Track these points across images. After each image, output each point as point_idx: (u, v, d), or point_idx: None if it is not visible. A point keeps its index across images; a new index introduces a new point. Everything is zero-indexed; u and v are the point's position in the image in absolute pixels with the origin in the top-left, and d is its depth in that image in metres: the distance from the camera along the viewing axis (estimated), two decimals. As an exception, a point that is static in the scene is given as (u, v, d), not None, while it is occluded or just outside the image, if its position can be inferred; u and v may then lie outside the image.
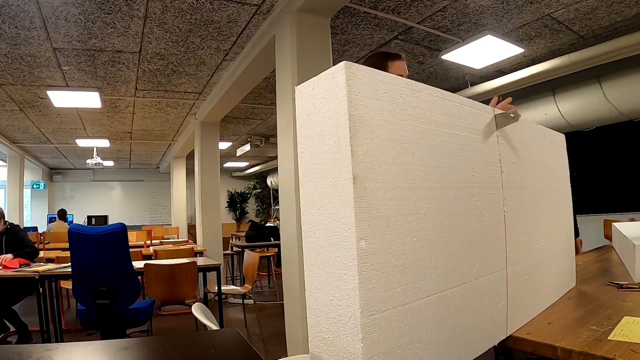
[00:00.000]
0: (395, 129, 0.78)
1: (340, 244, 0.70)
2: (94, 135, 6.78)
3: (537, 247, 1.24)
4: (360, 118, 0.70)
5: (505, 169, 1.11)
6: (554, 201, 1.41)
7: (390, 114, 0.77)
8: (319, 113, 0.75)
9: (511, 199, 1.12)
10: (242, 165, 11.41)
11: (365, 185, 0.70)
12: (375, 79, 0.76)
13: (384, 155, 0.74)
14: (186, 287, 3.06)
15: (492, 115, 1.11)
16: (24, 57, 3.53)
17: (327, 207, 0.73)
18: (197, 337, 1.18)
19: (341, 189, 0.70)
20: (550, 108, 4.35)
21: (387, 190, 0.74)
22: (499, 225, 1.06)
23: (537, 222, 1.26)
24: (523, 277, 1.15)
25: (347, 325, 0.70)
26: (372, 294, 0.69)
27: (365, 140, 0.71)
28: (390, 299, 0.73)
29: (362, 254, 0.68)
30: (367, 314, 0.68)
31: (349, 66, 0.70)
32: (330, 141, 0.72)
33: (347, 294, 0.69)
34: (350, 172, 0.68)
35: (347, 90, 0.69)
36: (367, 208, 0.70)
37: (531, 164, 1.27)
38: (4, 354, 0.98)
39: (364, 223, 0.69)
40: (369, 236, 0.69)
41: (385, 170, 0.74)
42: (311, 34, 2.66)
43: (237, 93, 4.44)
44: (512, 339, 1.05)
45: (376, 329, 0.70)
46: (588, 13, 3.14)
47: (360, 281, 0.68)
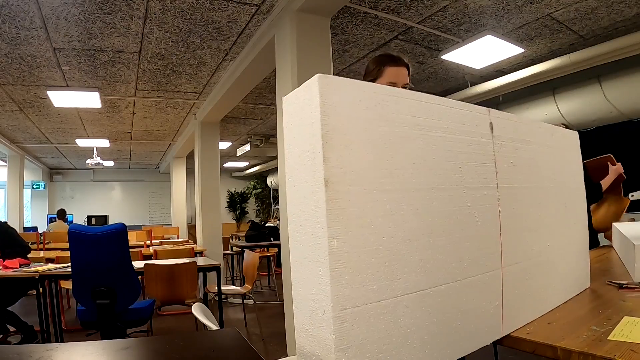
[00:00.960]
0: (372, 135, 0.82)
1: (316, 242, 0.76)
2: (94, 135, 6.78)
3: (540, 247, 1.23)
4: (333, 126, 0.76)
5: (501, 169, 1.11)
6: (562, 201, 1.39)
7: (367, 121, 0.81)
8: (300, 122, 0.81)
9: (508, 199, 1.12)
10: (242, 165, 11.41)
11: (338, 188, 0.75)
12: (351, 88, 0.80)
13: (359, 160, 0.79)
14: (186, 287, 3.07)
15: (487, 114, 1.12)
16: (24, 57, 3.53)
17: (305, 208, 0.79)
18: (197, 337, 1.18)
19: (315, 192, 0.76)
20: (550, 108, 4.35)
21: (362, 193, 0.79)
22: (492, 225, 1.07)
23: (540, 222, 1.25)
24: (522, 277, 1.14)
25: (322, 317, 0.75)
26: (345, 289, 0.75)
27: (339, 147, 0.76)
28: (365, 295, 0.77)
29: (334, 252, 0.74)
30: (339, 308, 0.74)
31: (322, 78, 0.76)
32: (307, 148, 0.78)
33: (321, 289, 0.75)
34: (322, 177, 0.74)
35: (320, 101, 0.75)
36: (340, 209, 0.75)
37: (534, 163, 1.26)
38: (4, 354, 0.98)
39: (336, 223, 0.74)
40: (341, 235, 0.75)
41: (360, 174, 0.79)
42: (311, 34, 2.66)
43: (237, 93, 4.44)
44: (511, 339, 1.05)
45: (349, 322, 0.75)
46: (588, 13, 3.14)
47: (332, 277, 0.73)
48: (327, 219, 0.74)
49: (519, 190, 1.18)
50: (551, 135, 1.39)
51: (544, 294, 1.24)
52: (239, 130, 7.00)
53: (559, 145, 1.43)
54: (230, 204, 12.97)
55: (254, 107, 5.58)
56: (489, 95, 4.39)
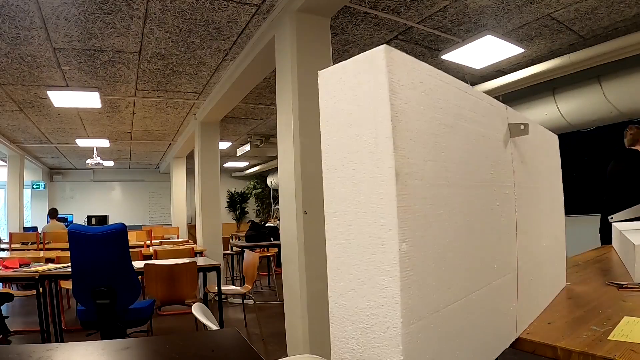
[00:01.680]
0: (429, 122, 0.73)
1: (378, 246, 0.64)
2: (94, 135, 6.78)
3: (539, 247, 1.23)
4: (400, 108, 0.65)
5: (516, 167, 1.09)
6: (549, 201, 1.41)
7: (424, 105, 0.72)
8: (350, 100, 0.69)
9: (520, 199, 1.11)
10: (242, 165, 11.41)
11: (407, 182, 0.64)
12: (413, 67, 0.70)
13: (422, 151, 0.69)
14: (186, 287, 3.07)
15: (505, 111, 1.09)
16: (24, 57, 3.53)
17: (360, 205, 0.67)
18: (197, 337, 1.18)
19: (380, 185, 0.64)
20: (550, 108, 4.35)
21: (424, 188, 0.69)
22: (511, 225, 1.03)
23: (539, 221, 1.26)
24: (529, 278, 1.13)
25: (383, 336, 0.64)
26: (412, 301, 0.64)
27: (405, 133, 0.65)
28: (427, 305, 0.68)
29: (404, 258, 0.62)
30: (408, 323, 0.63)
31: (389, 50, 0.64)
32: (366, 132, 0.66)
33: (385, 301, 0.63)
34: (393, 167, 0.62)
35: (388, 77, 0.63)
36: (407, 207, 0.64)
37: (534, 163, 1.26)
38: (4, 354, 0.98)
39: (405, 224, 0.63)
40: (409, 238, 0.64)
41: (423, 166, 0.69)
42: (311, 34, 2.66)
43: (237, 93, 4.44)
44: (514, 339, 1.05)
45: (415, 339, 0.65)
46: (588, 13, 3.14)
47: (402, 287, 0.62)
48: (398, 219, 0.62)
49: (526, 190, 1.17)
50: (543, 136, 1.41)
51: (540, 294, 1.24)
52: (239, 130, 7.00)
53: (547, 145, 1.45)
54: (230, 204, 12.96)
55: (254, 107, 5.57)
56: (489, 95, 4.39)
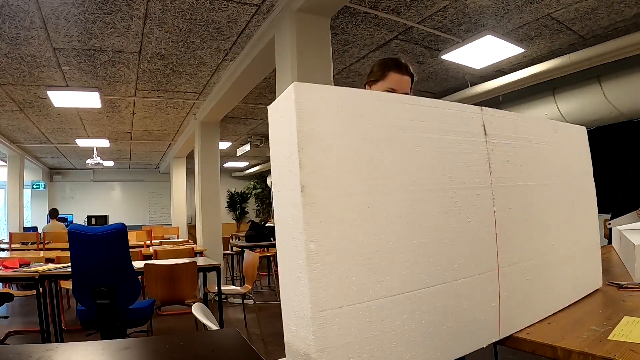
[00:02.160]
0: (351, 139, 0.83)
1: (295, 246, 0.78)
2: (94, 135, 6.78)
3: (542, 247, 1.21)
4: (309, 132, 0.78)
5: (496, 168, 1.09)
6: (569, 200, 1.36)
7: (345, 125, 0.83)
8: (280, 129, 0.83)
9: (505, 198, 1.11)
10: (242, 165, 11.41)
11: (315, 192, 0.77)
12: (328, 94, 0.82)
13: (338, 164, 0.81)
14: (186, 287, 3.06)
15: (479, 113, 1.10)
16: (24, 57, 3.53)
17: (287, 212, 0.81)
18: (197, 337, 1.18)
19: (294, 196, 0.78)
20: (550, 108, 4.35)
21: (340, 197, 0.80)
22: (486, 225, 1.05)
23: (542, 221, 1.24)
24: (523, 278, 1.13)
25: (303, 318, 0.77)
26: (324, 291, 0.76)
27: (315, 152, 0.78)
28: (346, 296, 0.79)
29: (312, 255, 0.75)
30: (319, 310, 0.75)
31: (298, 86, 0.78)
32: (287, 153, 0.80)
33: (301, 291, 0.77)
34: (299, 182, 0.76)
35: (297, 109, 0.77)
36: (317, 213, 0.77)
37: (535, 160, 1.24)
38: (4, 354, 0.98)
39: (313, 227, 0.76)
40: (319, 239, 0.76)
41: (338, 178, 0.80)
42: (311, 34, 2.66)
43: (237, 93, 4.44)
44: (511, 339, 1.05)
45: (330, 323, 0.76)
46: (588, 13, 3.14)
47: (310, 279, 0.75)
48: (304, 223, 0.75)
49: (517, 189, 1.16)
50: (554, 131, 1.36)
51: (549, 294, 1.21)
52: (239, 130, 7.00)
53: (564, 142, 1.40)
54: (230, 204, 12.96)
55: (254, 107, 5.58)
56: (489, 95, 4.39)
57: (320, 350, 0.75)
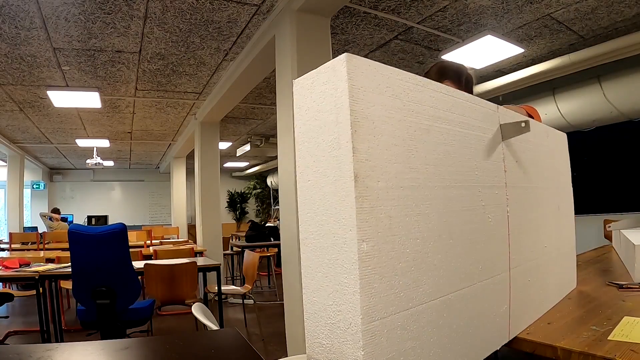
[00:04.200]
0: (398, 125, 0.75)
1: (340, 246, 0.67)
2: (94, 135, 6.78)
3: (539, 249, 1.22)
4: (362, 113, 0.68)
5: (508, 167, 1.08)
6: (556, 201, 1.38)
7: (393, 109, 0.74)
8: (318, 108, 0.72)
9: (514, 199, 1.10)
10: (242, 165, 11.41)
11: (367, 184, 0.67)
12: (378, 72, 0.72)
13: (387, 153, 0.71)
14: (186, 287, 3.06)
15: (496, 112, 1.09)
16: (24, 57, 3.53)
17: (326, 207, 0.70)
18: (197, 337, 1.18)
19: (341, 188, 0.67)
20: (550, 108, 4.34)
21: (389, 190, 0.71)
22: (502, 226, 1.03)
23: (539, 222, 1.24)
24: (525, 279, 1.13)
25: (346, 332, 0.66)
26: (374, 299, 0.67)
27: (367, 137, 0.68)
28: (392, 304, 0.70)
29: (364, 257, 0.65)
30: (369, 320, 0.65)
31: (350, 58, 0.67)
32: (329, 137, 0.69)
33: (347, 299, 0.66)
34: (352, 170, 0.65)
35: (349, 84, 0.66)
36: (369, 208, 0.67)
37: (534, 163, 1.24)
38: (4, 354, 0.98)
39: (365, 224, 0.66)
40: (370, 238, 0.66)
41: (387, 168, 0.71)
42: (311, 34, 2.66)
43: (237, 93, 4.44)
44: (512, 339, 1.05)
45: (378, 335, 0.67)
46: (588, 13, 3.14)
47: (362, 285, 0.65)
48: (357, 219, 0.65)
49: (522, 190, 1.16)
50: (547, 135, 1.38)
51: (542, 295, 1.23)
52: (239, 130, 7.00)
53: (553, 145, 1.43)
54: (230, 204, 12.96)
55: (254, 107, 5.57)
56: (489, 95, 4.39)
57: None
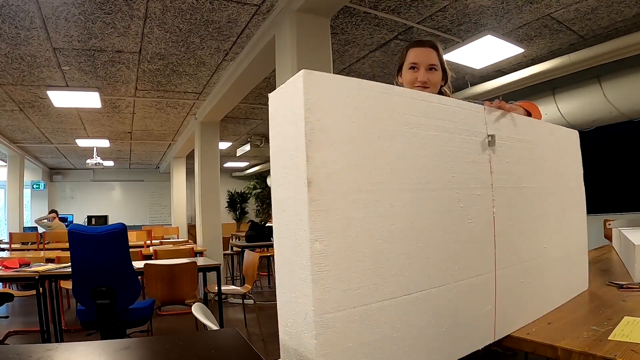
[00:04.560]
0: (358, 133, 0.80)
1: (299, 244, 0.74)
2: (94, 135, 6.78)
3: (537, 250, 1.21)
4: (317, 124, 0.73)
5: (496, 168, 1.08)
6: (561, 202, 1.36)
7: (352, 118, 0.79)
8: (284, 119, 0.78)
9: (504, 199, 1.10)
10: (242, 165, 11.40)
11: (322, 188, 0.73)
12: (339, 85, 0.78)
13: (344, 159, 0.77)
14: (186, 287, 3.06)
15: (483, 112, 1.09)
16: (24, 57, 3.53)
17: (289, 209, 0.77)
18: (197, 337, 1.18)
19: (299, 192, 0.73)
20: (550, 108, 4.34)
21: (347, 194, 0.76)
22: (486, 226, 1.04)
23: (538, 223, 1.23)
24: (517, 280, 1.12)
25: (304, 322, 0.74)
26: (328, 293, 0.73)
27: (323, 146, 0.74)
28: (349, 299, 0.76)
29: (316, 255, 0.71)
30: (321, 313, 0.72)
31: (307, 74, 0.74)
32: (292, 146, 0.75)
33: (304, 292, 0.73)
34: (305, 176, 0.72)
35: (305, 98, 0.72)
36: (324, 211, 0.73)
37: (533, 162, 1.23)
38: (4, 354, 0.98)
39: (318, 225, 0.72)
40: (324, 238, 0.72)
41: (345, 174, 0.77)
42: (311, 34, 2.66)
43: (237, 93, 4.44)
44: (511, 339, 1.05)
45: (332, 327, 0.73)
46: (588, 13, 3.14)
47: (314, 281, 0.71)
48: (310, 221, 0.71)
49: (515, 190, 1.15)
50: (551, 134, 1.36)
51: (542, 296, 1.21)
52: (239, 130, 7.00)
53: (558, 144, 1.40)
54: (230, 204, 12.96)
55: (254, 107, 5.57)
56: (489, 95, 4.39)
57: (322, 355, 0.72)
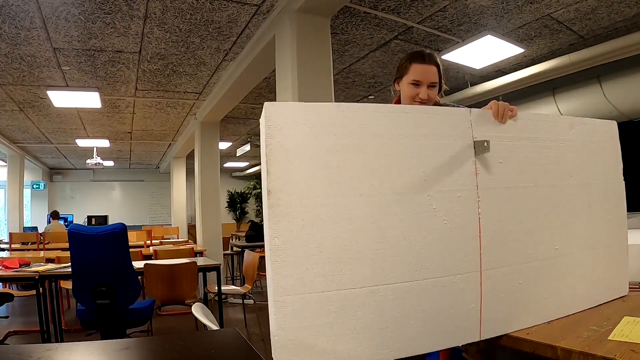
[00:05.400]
0: (317, 148, 0.95)
1: (267, 241, 0.93)
2: (94, 135, 6.78)
3: (542, 250, 1.18)
4: (276, 144, 0.92)
5: (483, 170, 1.09)
6: (585, 200, 1.29)
7: (312, 137, 0.95)
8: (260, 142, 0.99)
9: (494, 200, 1.10)
10: (242, 165, 11.41)
11: (280, 196, 0.91)
12: (296, 111, 0.96)
13: (302, 171, 0.93)
14: (186, 287, 3.06)
15: (467, 118, 1.10)
16: (24, 57, 3.53)
17: (265, 212, 0.94)
18: (197, 337, 1.18)
19: (265, 199, 0.93)
20: (550, 108, 4.34)
21: (303, 199, 0.93)
22: (468, 227, 1.07)
23: (544, 223, 1.19)
24: (514, 282, 1.11)
25: (270, 301, 0.93)
26: (285, 280, 0.90)
27: (281, 161, 0.92)
28: (307, 286, 0.92)
29: (274, 249, 0.90)
30: (280, 294, 0.90)
31: (268, 106, 0.94)
32: (262, 162, 0.95)
33: (270, 277, 0.91)
34: (266, 187, 0.91)
35: (265, 126, 0.93)
36: (282, 214, 0.91)
37: (541, 160, 1.20)
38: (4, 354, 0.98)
39: (277, 225, 0.90)
40: (281, 235, 0.90)
41: (302, 183, 0.93)
42: (311, 34, 2.66)
43: (237, 93, 4.44)
44: (511, 339, 1.05)
45: (289, 307, 0.90)
46: (588, 13, 3.14)
47: (273, 269, 0.90)
48: (269, 222, 0.90)
49: (510, 190, 1.14)
50: (570, 128, 1.29)
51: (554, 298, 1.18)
52: (239, 130, 7.00)
53: (582, 138, 1.31)
54: (230, 204, 12.96)
55: (254, 107, 5.57)
56: (489, 95, 4.39)
57: (279, 328, 0.89)
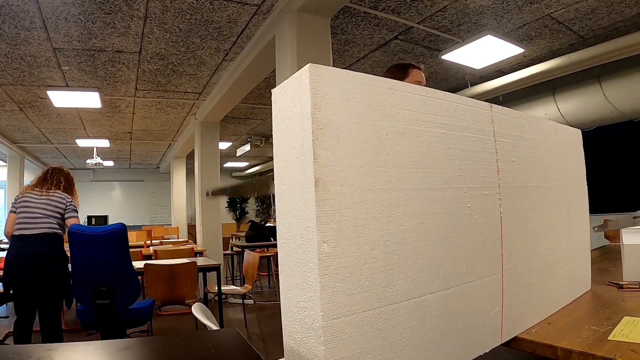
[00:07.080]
0: (366, 130, 0.77)
1: (305, 246, 0.71)
2: (94, 135, 6.78)
3: (541, 250, 1.20)
4: (325, 121, 0.70)
5: (503, 168, 1.07)
6: (565, 202, 1.35)
7: (361, 115, 0.76)
8: (289, 116, 0.75)
9: (510, 199, 1.09)
10: (242, 165, 11.40)
11: (329, 188, 0.70)
12: (346, 79, 0.75)
13: (353, 158, 0.74)
14: (186, 287, 3.06)
15: (489, 111, 1.08)
16: (24, 57, 3.53)
17: (295, 209, 0.73)
18: (197, 337, 1.18)
19: (305, 191, 0.70)
20: (550, 108, 4.35)
21: (355, 193, 0.74)
22: (493, 227, 1.03)
23: (542, 223, 1.22)
24: (523, 281, 1.11)
25: (311, 327, 0.70)
26: (336, 297, 0.70)
27: (331, 143, 0.71)
28: (358, 302, 0.73)
29: (324, 257, 0.69)
30: (330, 318, 0.69)
31: (314, 68, 0.70)
32: (297, 144, 0.72)
33: (310, 296, 0.70)
34: (313, 175, 0.68)
35: (311, 93, 0.69)
36: (332, 211, 0.70)
37: (537, 161, 1.22)
38: (4, 354, 0.98)
39: (327, 226, 0.69)
40: (332, 239, 0.70)
41: (353, 173, 0.74)
42: (311, 34, 2.66)
43: (237, 93, 4.44)
44: (514, 340, 1.04)
45: (340, 332, 0.70)
46: (588, 13, 3.14)
47: (322, 284, 0.68)
48: (317, 222, 0.68)
49: (520, 190, 1.14)
50: (554, 132, 1.35)
51: (547, 297, 1.20)
52: (239, 130, 7.00)
53: (562, 143, 1.39)
54: (230, 204, 12.95)
55: (254, 107, 5.57)
56: (489, 95, 4.39)
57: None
